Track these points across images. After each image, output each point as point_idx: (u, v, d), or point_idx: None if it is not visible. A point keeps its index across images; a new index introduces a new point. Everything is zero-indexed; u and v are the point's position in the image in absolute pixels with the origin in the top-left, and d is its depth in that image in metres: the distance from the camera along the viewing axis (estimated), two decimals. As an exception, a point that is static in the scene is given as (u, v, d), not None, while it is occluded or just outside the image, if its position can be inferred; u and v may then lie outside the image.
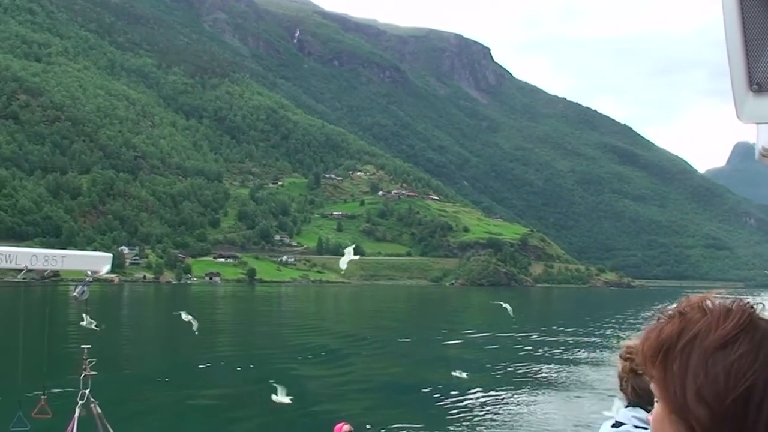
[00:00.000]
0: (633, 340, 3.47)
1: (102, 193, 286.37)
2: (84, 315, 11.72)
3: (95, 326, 11.91)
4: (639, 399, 3.45)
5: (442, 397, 36.38)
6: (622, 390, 3.57)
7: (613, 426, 3.34)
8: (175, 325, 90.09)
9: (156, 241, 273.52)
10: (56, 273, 13.69)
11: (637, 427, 3.36)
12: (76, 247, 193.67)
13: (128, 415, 27.99)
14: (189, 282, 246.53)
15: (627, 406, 3.54)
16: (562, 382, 43.52)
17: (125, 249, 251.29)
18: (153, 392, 38.10)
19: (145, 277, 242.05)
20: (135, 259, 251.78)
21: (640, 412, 3.40)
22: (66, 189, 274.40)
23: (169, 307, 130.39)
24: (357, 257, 20.22)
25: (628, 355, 3.46)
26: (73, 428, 11.75)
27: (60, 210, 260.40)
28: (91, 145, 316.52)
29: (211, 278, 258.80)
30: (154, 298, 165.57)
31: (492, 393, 38.45)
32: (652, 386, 1.70)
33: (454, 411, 33.37)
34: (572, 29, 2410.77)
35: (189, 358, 51.48)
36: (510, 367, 49.09)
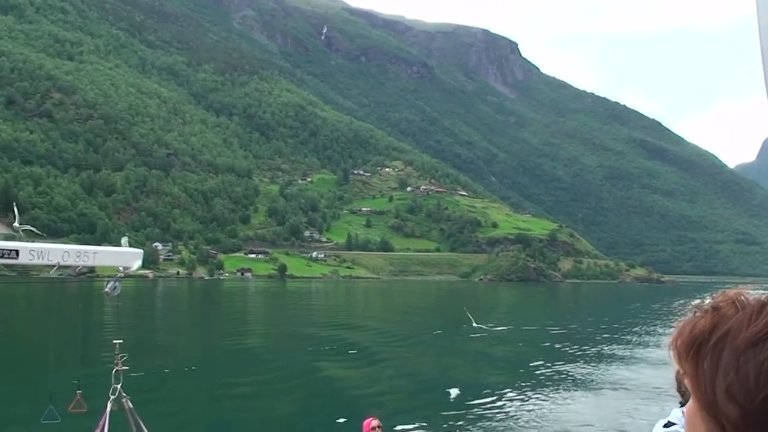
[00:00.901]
0: None
1: (135, 190, 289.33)
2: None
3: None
4: None
5: (471, 392, 36.19)
6: (680, 392, 3.48)
7: (665, 426, 3.31)
8: (207, 319, 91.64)
9: (188, 237, 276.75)
10: (92, 269, 13.44)
11: None
12: (111, 243, 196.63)
13: (160, 409, 28.35)
14: (221, 277, 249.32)
15: (679, 406, 3.40)
16: (593, 379, 43.05)
17: (159, 245, 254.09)
18: (185, 386, 38.38)
19: (178, 272, 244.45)
20: (168, 255, 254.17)
21: None
22: (100, 186, 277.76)
23: (202, 303, 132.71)
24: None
25: None
26: (104, 423, 11.70)
27: (94, 207, 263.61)
28: (123, 143, 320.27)
29: (242, 274, 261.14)
30: (187, 294, 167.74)
31: (521, 388, 38.24)
32: (686, 381, 1.68)
33: (483, 406, 33.23)
34: (601, 23, 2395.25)
35: (221, 351, 51.86)
36: (539, 363, 48.91)
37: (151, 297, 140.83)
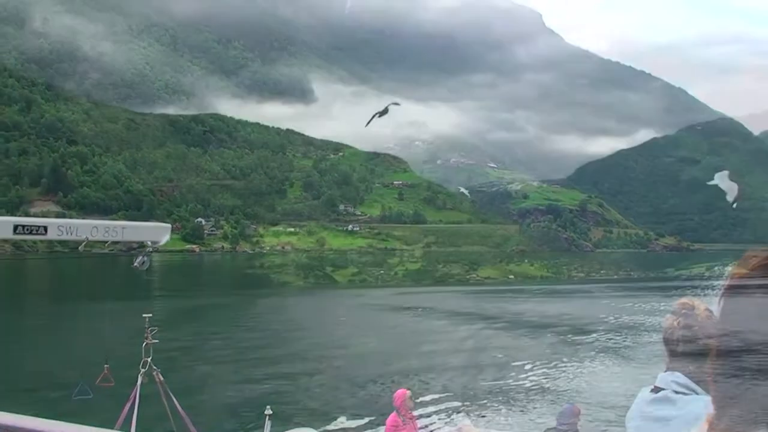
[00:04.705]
0: (687, 298, 3.38)
1: (176, 168, 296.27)
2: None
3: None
4: (688, 354, 3.23)
5: (502, 361, 36.42)
6: (668, 346, 3.36)
7: (652, 391, 3.22)
8: (243, 289, 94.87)
9: (229, 212, 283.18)
10: (141, 244, 13.49)
11: (676, 392, 3.18)
12: (158, 219, 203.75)
13: (191, 381, 28.73)
14: (264, 251, 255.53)
15: (666, 371, 3.32)
16: (628, 346, 42.83)
17: (202, 221, 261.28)
18: (217, 358, 38.31)
19: (223, 247, 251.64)
20: (212, 231, 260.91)
21: (680, 377, 3.21)
22: (142, 164, 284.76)
23: (244, 275, 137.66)
24: None
25: (684, 311, 3.30)
26: (135, 396, 11.75)
27: (139, 184, 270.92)
28: (162, 121, 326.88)
29: (283, 247, 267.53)
30: (229, 266, 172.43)
31: (552, 355, 38.40)
32: None
33: (513, 375, 33.27)
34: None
35: (256, 321, 52.59)
36: (572, 330, 49.12)
37: (196, 270, 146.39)
